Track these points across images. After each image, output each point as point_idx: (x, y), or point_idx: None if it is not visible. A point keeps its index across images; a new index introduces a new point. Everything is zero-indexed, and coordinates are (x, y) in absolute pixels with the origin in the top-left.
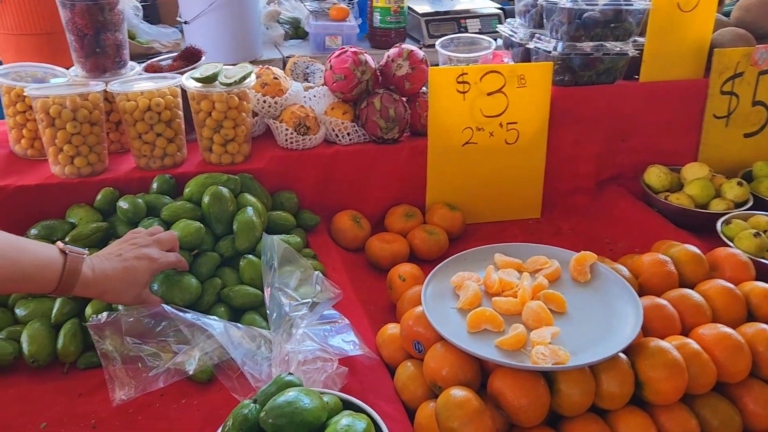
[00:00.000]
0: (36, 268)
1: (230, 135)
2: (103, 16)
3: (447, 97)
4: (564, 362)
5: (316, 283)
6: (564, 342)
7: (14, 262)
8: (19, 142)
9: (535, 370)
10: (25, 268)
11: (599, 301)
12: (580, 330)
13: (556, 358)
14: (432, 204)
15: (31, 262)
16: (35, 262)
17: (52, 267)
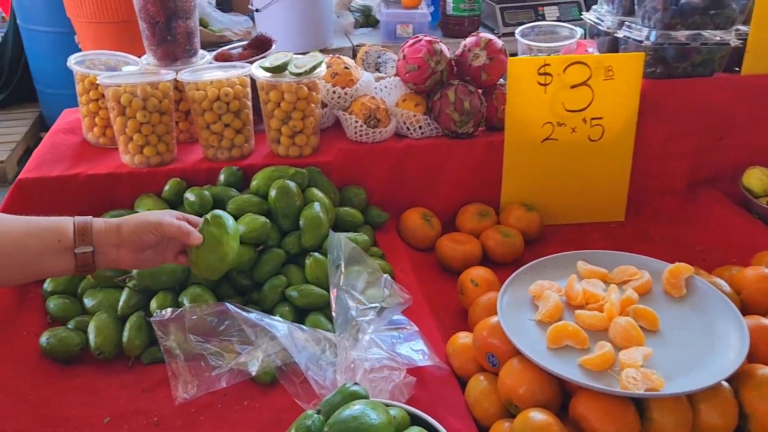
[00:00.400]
0: (50, 224)
1: (298, 127)
2: (175, 2)
3: (527, 89)
4: (658, 388)
5: (384, 287)
6: (657, 365)
7: (29, 221)
8: (91, 130)
9: (625, 395)
10: (40, 223)
11: (697, 320)
12: (675, 352)
13: (649, 383)
14: (507, 203)
15: (45, 221)
16: (48, 221)
17: (65, 223)
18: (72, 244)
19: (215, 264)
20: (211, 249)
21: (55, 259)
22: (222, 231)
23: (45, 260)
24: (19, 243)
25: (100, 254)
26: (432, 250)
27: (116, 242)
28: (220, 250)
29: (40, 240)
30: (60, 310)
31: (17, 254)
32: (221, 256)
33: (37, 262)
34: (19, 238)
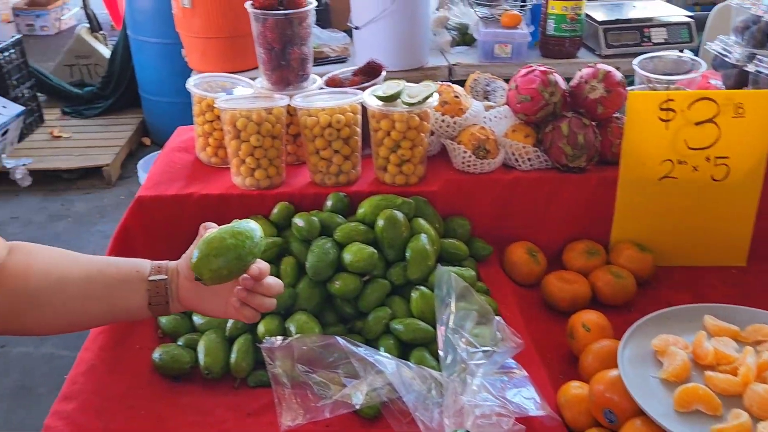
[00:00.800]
0: (128, 262)
1: (407, 155)
2: (292, 29)
3: (647, 124)
4: None
5: (497, 330)
6: None
7: (106, 258)
8: (204, 150)
9: None
10: (118, 261)
11: None
12: None
13: None
14: (618, 242)
15: (122, 260)
16: (127, 262)
17: (142, 267)
18: (147, 274)
19: (206, 260)
20: (208, 245)
21: (130, 291)
22: (226, 230)
23: (121, 292)
24: (100, 270)
25: (171, 289)
26: (536, 286)
27: (176, 270)
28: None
29: (118, 270)
30: (171, 325)
31: (97, 283)
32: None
33: (113, 295)
34: (100, 267)
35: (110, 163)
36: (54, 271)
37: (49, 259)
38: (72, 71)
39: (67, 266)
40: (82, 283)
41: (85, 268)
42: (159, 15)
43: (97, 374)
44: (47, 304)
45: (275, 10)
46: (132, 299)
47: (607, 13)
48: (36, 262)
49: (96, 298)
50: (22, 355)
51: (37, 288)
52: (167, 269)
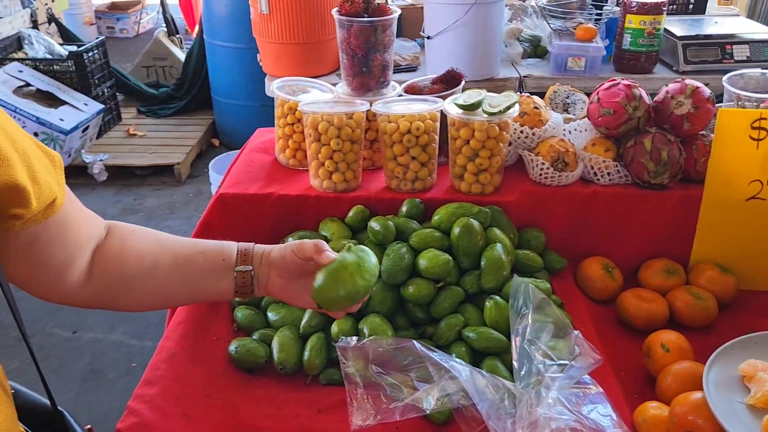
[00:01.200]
0: (217, 246)
1: (484, 165)
2: (376, 36)
3: (736, 143)
4: None
5: (575, 344)
6: None
7: (197, 243)
8: (284, 152)
9: None
10: (209, 245)
11: None
12: None
13: None
14: (698, 262)
15: (212, 243)
16: (215, 243)
17: (229, 246)
18: (234, 263)
19: (330, 292)
20: (334, 276)
21: (217, 279)
22: (353, 263)
23: (208, 279)
24: (189, 259)
25: (256, 277)
26: (611, 303)
27: (268, 263)
28: (342, 279)
29: (206, 258)
30: (246, 320)
31: (186, 270)
32: (340, 285)
33: (201, 281)
34: (189, 255)
35: (181, 162)
36: (147, 257)
37: (143, 244)
38: (148, 72)
39: (159, 253)
40: (172, 270)
41: (175, 255)
42: (234, 21)
43: (177, 362)
44: (139, 288)
45: (360, 17)
46: (218, 286)
47: (687, 29)
48: (130, 248)
49: (185, 283)
50: (93, 341)
51: (131, 273)
52: (252, 257)
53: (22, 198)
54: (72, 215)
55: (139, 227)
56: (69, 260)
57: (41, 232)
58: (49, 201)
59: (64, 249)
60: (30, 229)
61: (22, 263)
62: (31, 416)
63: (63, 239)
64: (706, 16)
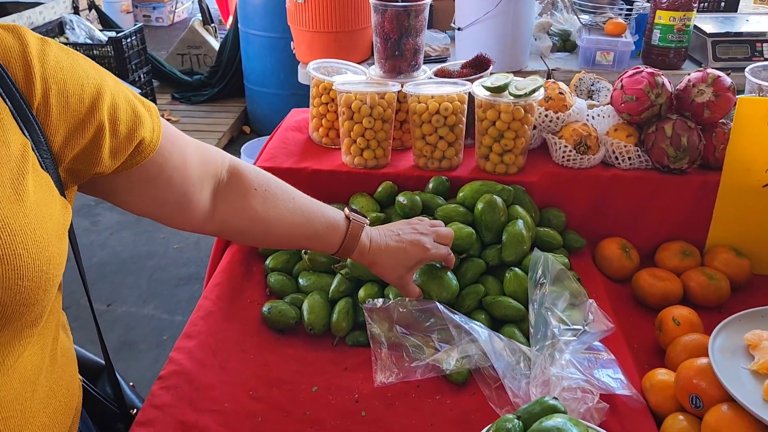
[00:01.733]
0: (326, 229)
1: (509, 145)
2: (409, 21)
3: (754, 131)
4: None
5: (589, 311)
6: None
7: (310, 220)
8: (317, 130)
9: None
10: (317, 228)
11: None
12: None
13: None
14: (714, 246)
15: (322, 223)
16: (325, 223)
17: (338, 231)
18: (343, 233)
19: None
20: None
21: (324, 243)
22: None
23: (317, 241)
24: (304, 222)
25: (358, 246)
26: (627, 282)
27: (369, 262)
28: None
29: (319, 224)
30: (278, 285)
31: (300, 229)
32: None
33: (311, 240)
34: (306, 216)
35: None
36: (262, 224)
37: (261, 209)
38: (183, 60)
39: (273, 222)
40: (284, 236)
41: (286, 226)
42: (268, 10)
43: (214, 320)
44: (254, 240)
45: (395, 2)
46: (325, 246)
47: (718, 26)
48: (248, 210)
49: (298, 238)
50: (126, 314)
51: (247, 230)
52: (358, 231)
53: (140, 120)
54: (174, 155)
55: (261, 186)
56: (184, 197)
57: (149, 168)
58: (156, 133)
59: (173, 188)
60: (146, 162)
61: (143, 199)
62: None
63: (169, 178)
64: (738, 14)
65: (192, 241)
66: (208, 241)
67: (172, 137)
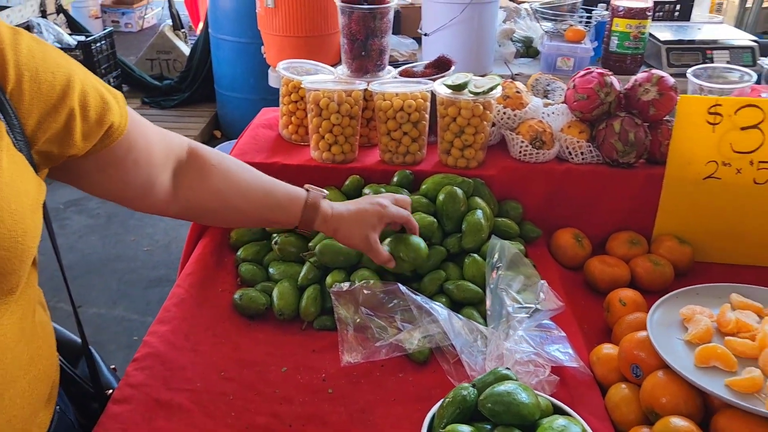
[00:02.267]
0: (287, 200)
1: (469, 141)
2: (374, 23)
3: (694, 127)
4: None
5: (540, 291)
6: None
7: (270, 192)
8: (287, 127)
9: None
10: (279, 198)
11: None
12: None
13: None
14: (659, 234)
15: (282, 195)
16: (286, 195)
17: (299, 201)
18: (302, 205)
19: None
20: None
21: (285, 216)
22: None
23: (277, 214)
24: (260, 202)
25: (319, 217)
26: (580, 269)
27: (333, 229)
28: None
29: (276, 203)
30: (249, 274)
31: (256, 210)
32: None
33: (271, 216)
34: (261, 198)
35: None
36: (222, 199)
37: (220, 185)
38: (152, 65)
39: (233, 197)
40: (245, 209)
41: (248, 200)
42: (239, 15)
43: (186, 306)
44: (215, 218)
45: (360, 4)
46: (287, 217)
47: (672, 34)
48: (208, 187)
49: (255, 217)
50: (95, 316)
51: (209, 207)
52: (318, 199)
53: (108, 106)
54: (139, 138)
55: (218, 162)
56: (147, 180)
57: (117, 150)
58: (124, 118)
59: (138, 169)
60: (114, 145)
61: (111, 181)
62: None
63: (135, 160)
64: (691, 23)
65: (162, 243)
66: (178, 243)
67: (138, 123)
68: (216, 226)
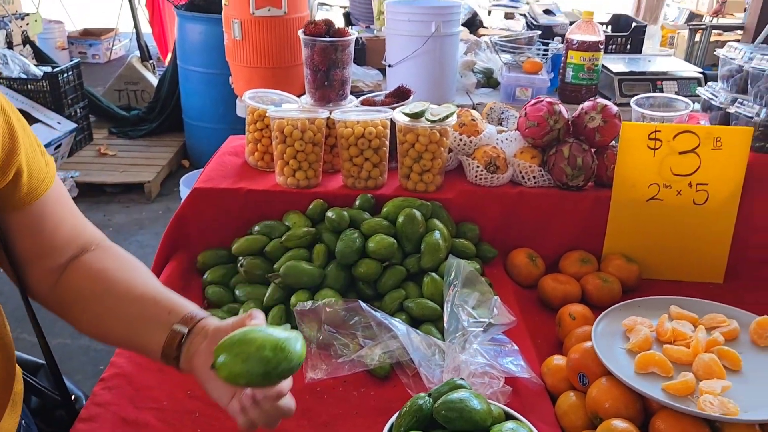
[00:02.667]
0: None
1: (428, 166)
2: (336, 54)
3: (637, 152)
4: (733, 415)
5: (494, 307)
6: (734, 397)
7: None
8: (252, 154)
9: (702, 416)
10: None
11: None
12: (754, 389)
13: (725, 409)
14: (608, 253)
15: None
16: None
17: (180, 308)
18: (175, 321)
19: (228, 359)
20: (245, 351)
21: (155, 330)
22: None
23: (148, 326)
24: (140, 297)
25: (187, 343)
26: (535, 287)
27: (205, 333)
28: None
29: (155, 304)
30: (216, 296)
31: (132, 307)
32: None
33: (141, 325)
34: (143, 294)
35: (151, 180)
36: (104, 281)
37: (110, 268)
38: (120, 95)
39: (117, 281)
40: (121, 301)
41: (129, 289)
42: (207, 47)
43: None
44: (87, 308)
45: (323, 37)
46: (153, 338)
47: (624, 65)
48: (97, 268)
49: (125, 321)
50: (60, 346)
51: (85, 291)
52: (195, 323)
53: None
54: (51, 215)
55: (124, 258)
56: (41, 256)
57: (24, 217)
58: (37, 185)
59: (41, 241)
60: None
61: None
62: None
63: (37, 233)
64: (643, 56)
65: None
66: None
67: (58, 197)
68: (81, 327)
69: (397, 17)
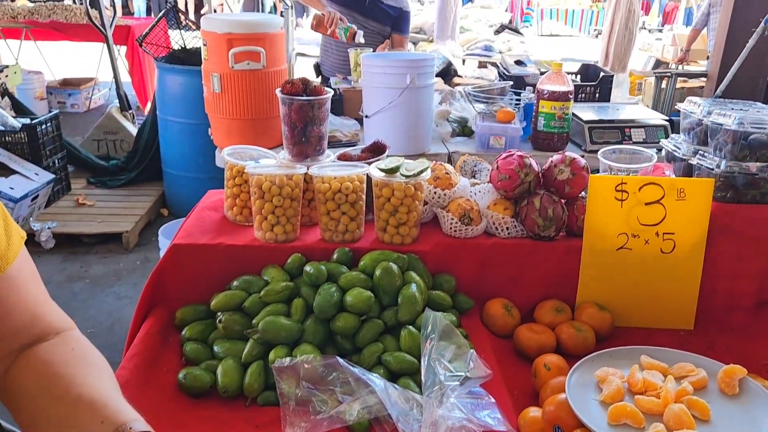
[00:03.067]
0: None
1: (403, 219)
2: (313, 112)
3: (605, 203)
4: None
5: (470, 360)
6: None
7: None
8: (231, 209)
9: None
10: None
11: (745, 416)
12: None
13: None
14: (582, 302)
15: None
16: None
17: (115, 418)
18: (108, 430)
19: None
20: None
21: None
22: None
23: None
24: (75, 400)
25: None
26: (511, 337)
27: None
28: None
29: (91, 410)
30: (194, 353)
31: (65, 409)
32: None
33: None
34: (80, 397)
35: (129, 230)
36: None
37: (56, 364)
38: (99, 145)
39: (59, 380)
40: (57, 402)
41: (68, 390)
42: (186, 98)
43: (132, 387)
44: (22, 406)
45: (300, 96)
46: None
47: (594, 114)
48: (45, 362)
49: (56, 423)
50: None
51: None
52: None
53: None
54: (3, 301)
55: (77, 351)
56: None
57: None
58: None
59: None
60: None
61: None
62: None
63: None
64: (611, 104)
65: (105, 326)
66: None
67: (15, 280)
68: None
69: (373, 70)
